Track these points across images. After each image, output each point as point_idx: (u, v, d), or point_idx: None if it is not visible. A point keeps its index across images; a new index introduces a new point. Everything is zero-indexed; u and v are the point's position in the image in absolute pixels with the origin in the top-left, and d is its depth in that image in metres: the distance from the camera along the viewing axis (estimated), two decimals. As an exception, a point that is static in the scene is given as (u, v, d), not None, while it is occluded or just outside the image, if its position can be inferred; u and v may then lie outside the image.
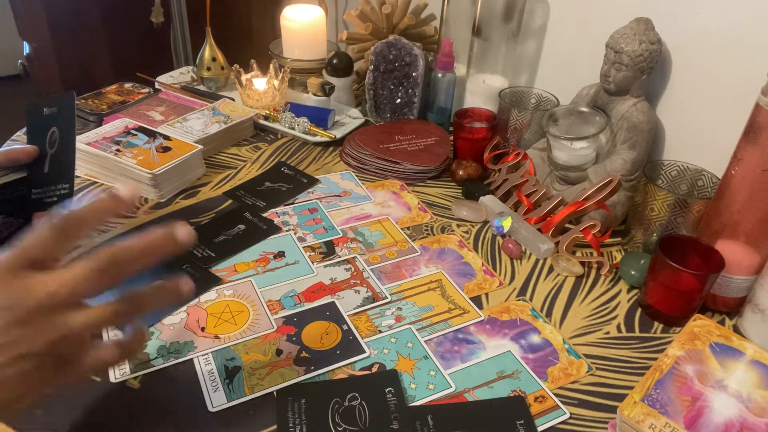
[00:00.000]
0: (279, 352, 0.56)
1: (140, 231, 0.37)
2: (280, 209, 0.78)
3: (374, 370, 0.55)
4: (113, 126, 0.84)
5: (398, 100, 0.98)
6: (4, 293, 0.34)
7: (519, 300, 0.65)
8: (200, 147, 0.82)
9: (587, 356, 0.58)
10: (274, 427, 0.49)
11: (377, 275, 0.67)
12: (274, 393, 0.52)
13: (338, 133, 0.94)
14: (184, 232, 0.38)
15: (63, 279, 0.35)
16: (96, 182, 0.80)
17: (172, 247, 0.38)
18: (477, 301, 0.64)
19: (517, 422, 0.50)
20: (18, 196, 0.62)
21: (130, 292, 0.38)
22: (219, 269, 0.66)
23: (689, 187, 0.72)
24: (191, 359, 0.54)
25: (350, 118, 1.00)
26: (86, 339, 0.37)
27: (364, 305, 0.62)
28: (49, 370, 0.35)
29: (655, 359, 0.55)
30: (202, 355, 0.55)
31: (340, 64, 1.00)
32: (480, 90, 0.95)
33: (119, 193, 0.38)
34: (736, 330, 0.63)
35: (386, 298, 0.64)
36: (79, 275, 0.35)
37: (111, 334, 0.51)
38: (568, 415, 0.52)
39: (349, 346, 0.57)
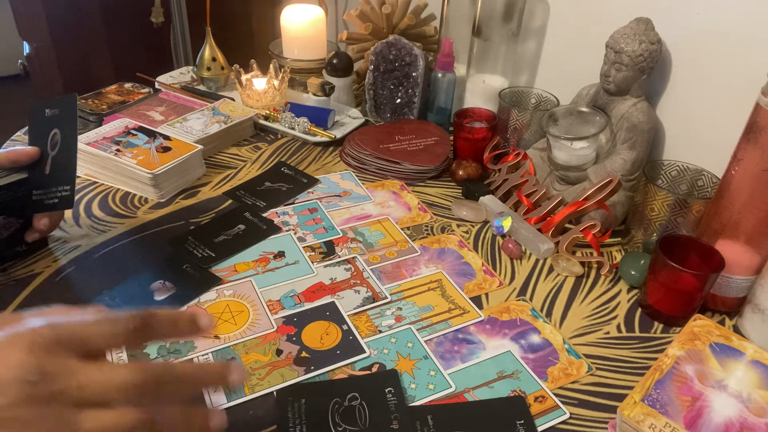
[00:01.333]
0: (279, 352, 0.56)
1: (140, 231, 0.35)
2: (280, 209, 0.78)
3: (374, 370, 0.55)
4: (113, 126, 0.84)
5: (398, 100, 0.98)
6: (36, 366, 0.31)
7: (519, 300, 0.65)
8: (200, 147, 0.82)
9: (587, 356, 0.58)
10: (274, 427, 0.49)
11: (377, 275, 0.67)
12: (274, 393, 0.52)
13: (338, 133, 0.94)
14: (238, 376, 0.36)
15: (99, 377, 0.32)
16: (96, 182, 0.80)
17: (223, 384, 0.36)
18: (477, 301, 0.64)
19: (517, 422, 0.50)
20: (19, 197, 0.62)
21: (155, 408, 0.33)
22: (219, 269, 0.66)
23: (689, 187, 0.72)
24: (191, 359, 0.54)
25: (350, 118, 1.00)
26: None
27: (364, 305, 0.62)
28: None
29: (655, 359, 0.55)
30: (202, 355, 0.55)
31: (340, 64, 1.00)
32: (480, 90, 0.95)
33: (199, 320, 0.37)
34: (736, 330, 0.63)
35: (386, 298, 0.64)
36: (117, 382, 0.32)
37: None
38: (568, 415, 0.52)
39: (349, 346, 0.57)
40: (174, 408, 0.35)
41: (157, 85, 1.06)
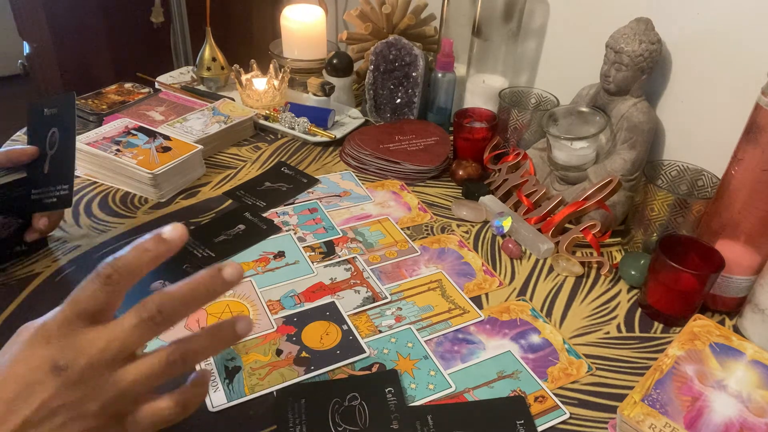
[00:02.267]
0: (279, 352, 0.56)
1: (140, 231, 0.36)
2: (280, 209, 0.78)
3: (374, 370, 0.55)
4: (113, 126, 0.84)
5: (398, 100, 0.98)
6: (59, 353, 0.33)
7: (519, 300, 0.65)
8: (200, 147, 0.82)
9: (587, 356, 0.58)
10: (274, 427, 0.49)
11: (377, 275, 0.67)
12: (274, 393, 0.52)
13: (338, 133, 0.94)
14: (230, 270, 0.36)
15: (113, 333, 0.34)
16: (96, 182, 0.80)
17: (220, 287, 0.36)
18: (477, 301, 0.64)
19: (517, 422, 0.50)
20: (17, 197, 0.62)
21: (182, 339, 0.36)
22: (219, 269, 0.66)
23: (689, 187, 0.72)
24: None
25: (350, 118, 1.00)
26: (142, 394, 0.35)
27: (364, 305, 0.62)
28: (107, 429, 0.35)
29: (655, 359, 0.55)
30: (202, 355, 0.55)
31: (340, 64, 1.00)
32: (480, 90, 0.95)
33: (164, 235, 0.36)
34: (736, 330, 0.63)
35: (386, 298, 0.64)
36: (128, 327, 0.34)
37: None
38: (568, 415, 0.52)
39: (349, 346, 0.57)
40: (200, 331, 0.36)
41: (157, 85, 1.06)
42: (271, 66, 0.99)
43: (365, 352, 0.56)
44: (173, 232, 0.36)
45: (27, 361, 0.33)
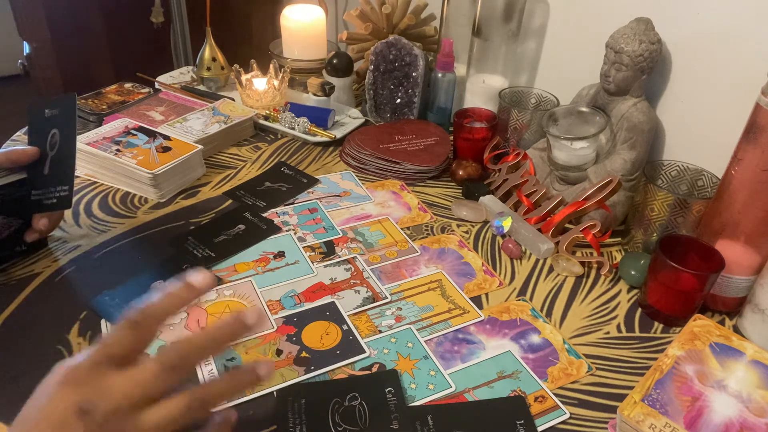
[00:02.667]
0: (279, 352, 0.56)
1: (140, 231, 0.36)
2: (280, 209, 0.78)
3: (374, 370, 0.55)
4: (113, 126, 0.84)
5: (398, 100, 0.98)
6: (85, 396, 0.34)
7: (519, 300, 0.65)
8: (200, 147, 0.82)
9: (587, 356, 0.58)
10: (274, 427, 0.49)
11: (377, 275, 0.67)
12: (274, 393, 0.52)
13: (338, 133, 0.94)
14: (253, 316, 0.38)
15: (137, 379, 0.35)
16: (96, 182, 0.80)
17: (241, 333, 0.38)
18: (477, 301, 0.64)
19: (517, 422, 0.50)
20: (18, 197, 0.62)
21: (203, 385, 0.38)
22: (219, 269, 0.66)
23: (689, 187, 0.72)
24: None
25: (350, 118, 1.00)
26: None
27: (364, 305, 0.62)
28: None
29: (655, 359, 0.55)
30: (202, 355, 0.55)
31: (340, 64, 1.00)
32: (480, 90, 0.95)
33: (193, 282, 0.38)
34: (736, 330, 0.63)
35: (386, 298, 0.64)
36: (151, 373, 0.35)
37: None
38: (568, 415, 0.52)
39: (349, 346, 0.57)
40: (223, 375, 0.38)
41: (157, 85, 1.06)
42: (271, 66, 0.99)
43: (365, 352, 0.56)
44: (201, 279, 0.38)
45: (57, 404, 0.35)
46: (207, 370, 0.53)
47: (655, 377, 0.51)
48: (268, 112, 0.97)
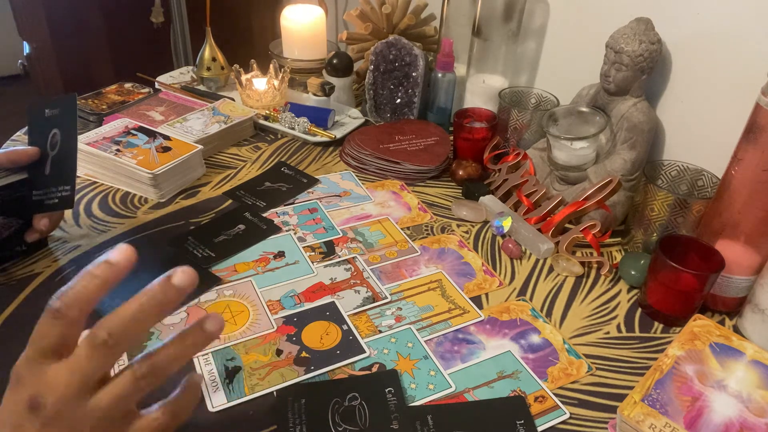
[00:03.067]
0: (279, 352, 0.56)
1: (140, 231, 0.35)
2: (280, 209, 0.78)
3: (374, 370, 0.55)
4: (113, 126, 0.84)
5: (398, 100, 0.98)
6: (30, 392, 0.34)
7: (519, 300, 0.65)
8: (200, 147, 0.82)
9: (587, 356, 0.58)
10: (274, 427, 0.49)
11: (377, 275, 0.67)
12: (274, 393, 0.52)
13: (338, 133, 0.94)
14: (180, 275, 0.36)
15: (72, 366, 0.34)
16: (96, 182, 0.80)
17: (174, 296, 0.36)
18: (477, 301, 0.64)
19: (517, 422, 0.50)
20: (19, 198, 0.62)
21: (147, 354, 0.35)
22: (219, 269, 0.66)
23: (689, 187, 0.72)
24: (191, 359, 0.54)
25: (350, 118, 1.00)
26: (125, 413, 0.36)
27: (364, 305, 0.62)
28: None
29: (655, 359, 0.55)
30: (202, 355, 0.55)
31: (340, 64, 1.00)
32: (480, 90, 0.95)
33: (111, 259, 0.36)
34: (736, 330, 0.63)
35: (386, 298, 0.64)
36: (84, 356, 0.34)
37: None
38: (568, 415, 0.52)
39: (349, 346, 0.57)
40: (167, 341, 0.36)
41: (157, 85, 1.06)
42: (271, 66, 0.99)
43: (365, 352, 0.56)
44: (120, 255, 0.36)
45: (8, 406, 0.34)
46: (207, 370, 0.53)
47: (655, 377, 0.51)
48: (268, 112, 0.97)
